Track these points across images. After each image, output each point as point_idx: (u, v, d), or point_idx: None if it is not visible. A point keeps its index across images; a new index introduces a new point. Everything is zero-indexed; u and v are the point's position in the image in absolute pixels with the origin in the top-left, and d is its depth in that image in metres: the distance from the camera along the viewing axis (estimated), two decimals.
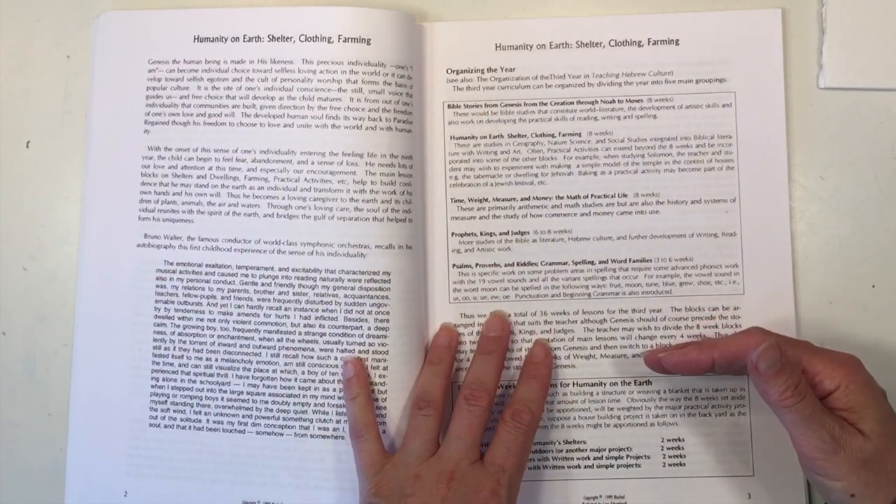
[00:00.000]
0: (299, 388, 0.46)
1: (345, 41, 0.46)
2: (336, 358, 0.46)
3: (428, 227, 0.47)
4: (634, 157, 0.47)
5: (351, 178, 0.45)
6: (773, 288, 0.47)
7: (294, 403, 0.46)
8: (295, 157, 0.46)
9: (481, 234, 0.47)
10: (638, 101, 0.47)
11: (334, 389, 0.46)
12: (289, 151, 0.46)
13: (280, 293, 0.46)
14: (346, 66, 0.46)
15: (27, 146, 0.49)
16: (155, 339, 0.47)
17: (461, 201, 0.48)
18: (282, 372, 0.46)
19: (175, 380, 0.47)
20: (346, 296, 0.45)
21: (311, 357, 0.46)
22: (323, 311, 0.46)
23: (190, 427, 0.47)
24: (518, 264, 0.47)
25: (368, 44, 0.46)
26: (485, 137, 0.48)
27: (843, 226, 0.48)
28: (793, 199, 0.47)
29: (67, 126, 0.49)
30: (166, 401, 0.47)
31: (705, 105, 0.47)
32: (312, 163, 0.46)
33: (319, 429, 0.46)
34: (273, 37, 0.47)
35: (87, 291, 0.47)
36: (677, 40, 0.48)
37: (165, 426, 0.47)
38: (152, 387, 0.47)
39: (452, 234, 0.48)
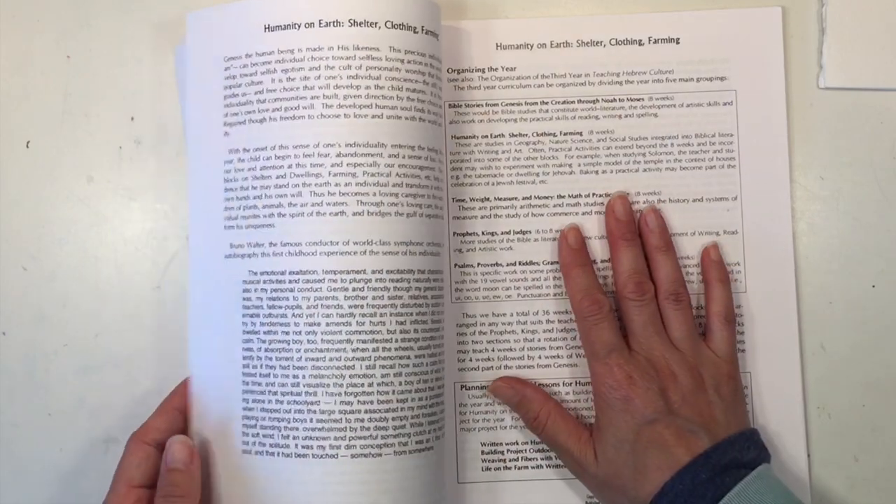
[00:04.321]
0: (397, 400, 0.42)
1: (426, 33, 0.43)
2: (428, 364, 0.43)
3: None
4: (636, 155, 0.47)
5: (433, 174, 0.43)
6: (775, 286, 0.47)
7: (392, 419, 0.42)
8: (385, 151, 0.42)
9: (483, 233, 0.47)
10: (639, 99, 0.47)
11: (429, 398, 0.43)
12: (378, 144, 0.42)
13: (374, 298, 0.41)
14: (427, 58, 0.43)
15: (27, 146, 0.49)
16: (244, 358, 0.43)
17: (462, 201, 0.48)
18: (378, 385, 0.41)
19: (263, 401, 0.42)
20: (433, 296, 0.43)
21: (408, 366, 0.42)
22: (417, 314, 0.42)
23: (279, 454, 0.42)
24: (520, 263, 0.47)
25: (437, 38, 0.44)
26: (486, 137, 0.48)
27: (843, 226, 0.48)
28: (793, 198, 0.47)
29: (67, 126, 0.49)
30: (255, 425, 0.42)
31: (706, 103, 0.47)
32: (403, 157, 0.42)
33: (416, 443, 0.42)
34: (355, 21, 0.42)
35: (194, 317, 0.45)
36: (678, 39, 0.48)
37: (256, 452, 0.42)
38: (244, 409, 0.43)
39: (454, 233, 0.47)
